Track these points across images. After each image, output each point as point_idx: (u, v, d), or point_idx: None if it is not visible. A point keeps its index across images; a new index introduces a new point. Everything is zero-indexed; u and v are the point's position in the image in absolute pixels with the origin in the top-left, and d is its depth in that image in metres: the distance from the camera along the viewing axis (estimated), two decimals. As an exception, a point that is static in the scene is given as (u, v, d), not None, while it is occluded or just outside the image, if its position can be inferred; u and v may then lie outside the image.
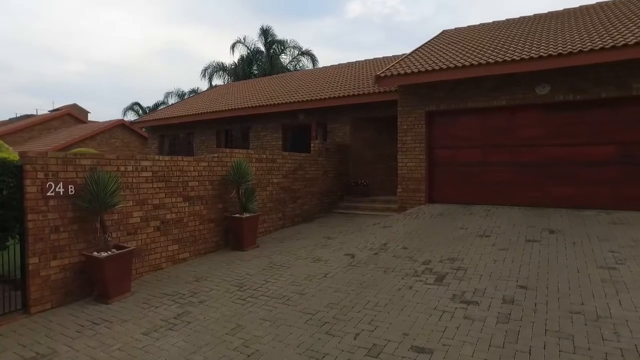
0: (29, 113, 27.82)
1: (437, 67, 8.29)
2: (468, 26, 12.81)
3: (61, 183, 4.84)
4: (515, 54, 7.81)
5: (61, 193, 4.83)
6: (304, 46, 28.03)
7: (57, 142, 18.67)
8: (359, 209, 10.61)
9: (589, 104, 7.64)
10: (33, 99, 66.44)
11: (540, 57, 7.25)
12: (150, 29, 76.40)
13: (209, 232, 7.07)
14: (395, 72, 8.80)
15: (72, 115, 24.07)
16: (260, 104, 13.20)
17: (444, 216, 7.86)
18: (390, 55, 15.44)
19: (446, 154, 9.09)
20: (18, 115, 28.48)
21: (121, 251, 5.08)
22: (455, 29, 13.11)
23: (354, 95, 11.07)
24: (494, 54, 8.23)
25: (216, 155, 7.31)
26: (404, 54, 11.08)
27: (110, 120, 21.78)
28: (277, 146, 13.42)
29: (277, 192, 8.86)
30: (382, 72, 9.03)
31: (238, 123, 14.47)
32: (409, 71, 8.62)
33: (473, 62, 7.96)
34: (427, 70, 8.38)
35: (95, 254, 4.94)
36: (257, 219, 7.48)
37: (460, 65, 8.03)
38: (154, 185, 6.15)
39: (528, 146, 8.22)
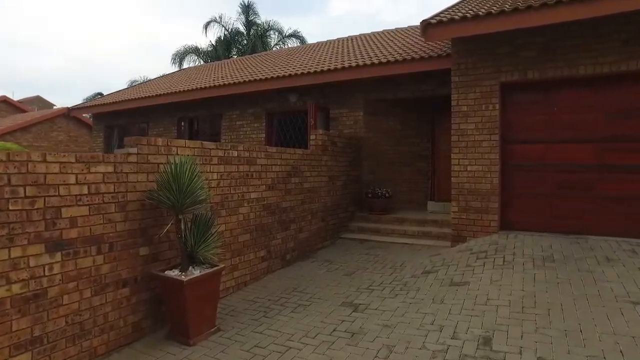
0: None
1: (536, 3, 4.83)
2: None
3: None
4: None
5: None
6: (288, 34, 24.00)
7: (-26, 134, 14.54)
8: (382, 233, 7.10)
9: None
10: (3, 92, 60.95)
11: None
12: (133, 23, 71.56)
13: (116, 309, 3.43)
14: (456, 17, 5.29)
15: (9, 103, 19.76)
16: (236, 81, 9.53)
17: (559, 263, 4.40)
18: (406, 26, 11.96)
19: (533, 151, 5.65)
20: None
21: None
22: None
23: (372, 64, 7.50)
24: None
25: (134, 150, 3.64)
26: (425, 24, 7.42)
27: (53, 109, 17.67)
28: (258, 140, 9.76)
29: (258, 215, 5.25)
30: (434, 17, 5.51)
31: (206, 109, 10.74)
32: (481, 13, 5.13)
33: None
34: (518, 9, 4.89)
35: None
36: (217, 279, 3.80)
37: (580, -3, 4.60)
38: (-46, 223, 2.49)
39: (690, 139, 4.85)
